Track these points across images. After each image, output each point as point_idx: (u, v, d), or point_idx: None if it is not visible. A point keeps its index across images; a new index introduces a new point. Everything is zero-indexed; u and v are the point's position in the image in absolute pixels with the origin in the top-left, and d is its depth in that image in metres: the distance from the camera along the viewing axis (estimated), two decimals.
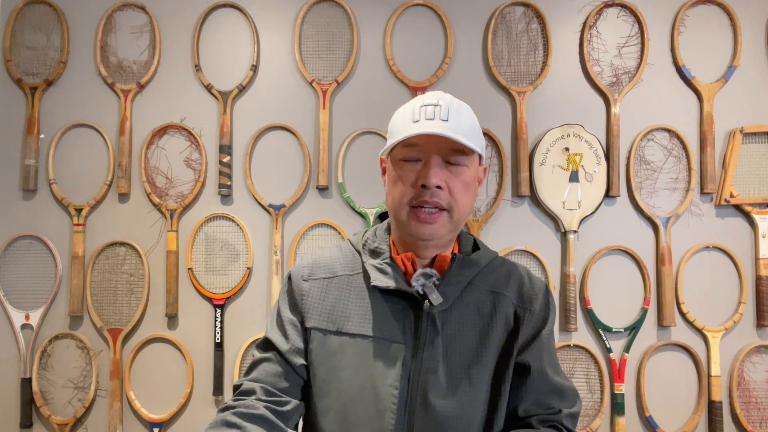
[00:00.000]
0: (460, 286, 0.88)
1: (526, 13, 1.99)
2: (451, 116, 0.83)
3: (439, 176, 0.83)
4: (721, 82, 1.95)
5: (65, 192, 1.95)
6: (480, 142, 0.88)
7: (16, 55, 1.98)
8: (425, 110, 0.84)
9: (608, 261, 1.94)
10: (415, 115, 0.84)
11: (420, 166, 0.85)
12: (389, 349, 0.84)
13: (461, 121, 0.84)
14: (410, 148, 0.85)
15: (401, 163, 0.86)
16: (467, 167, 0.86)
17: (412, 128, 0.83)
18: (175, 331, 1.94)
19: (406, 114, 0.86)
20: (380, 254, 0.91)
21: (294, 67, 1.98)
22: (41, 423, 1.91)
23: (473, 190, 0.89)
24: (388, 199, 0.90)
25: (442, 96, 0.87)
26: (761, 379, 1.91)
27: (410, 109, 0.87)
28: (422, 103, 0.86)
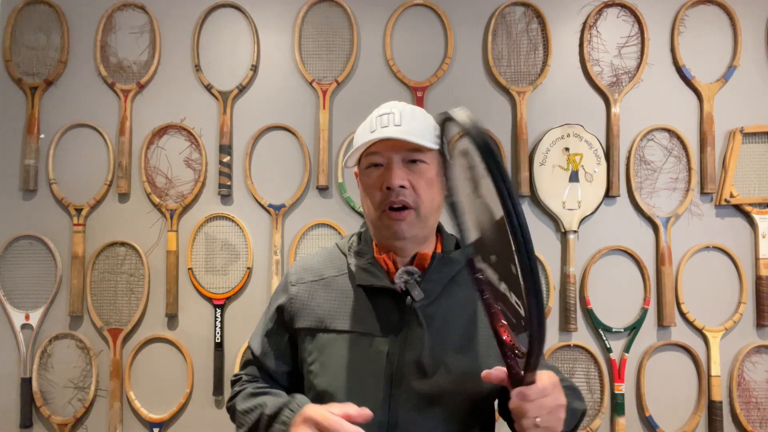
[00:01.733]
0: (442, 282, 0.94)
1: (526, 13, 1.99)
2: (404, 120, 0.90)
3: (400, 176, 0.89)
4: (721, 82, 1.95)
5: (65, 192, 1.95)
6: (436, 140, 0.93)
7: (16, 55, 1.98)
8: (380, 119, 0.92)
9: (608, 261, 1.94)
10: (372, 125, 0.92)
11: (384, 170, 0.91)
12: (374, 343, 0.90)
13: (414, 123, 0.91)
14: (372, 155, 0.92)
15: (367, 171, 0.94)
16: (428, 164, 0.92)
17: (368, 137, 0.90)
18: (175, 331, 1.94)
19: (365, 126, 0.94)
20: (364, 255, 0.97)
21: (294, 67, 1.98)
22: (41, 423, 1.91)
23: (438, 185, 0.94)
24: (363, 207, 0.97)
25: (395, 104, 0.94)
26: (761, 379, 1.91)
27: (368, 121, 0.94)
28: (378, 113, 0.94)
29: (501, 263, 0.66)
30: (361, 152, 0.93)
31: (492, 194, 0.59)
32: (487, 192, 0.64)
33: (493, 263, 0.69)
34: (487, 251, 0.71)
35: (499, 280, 0.69)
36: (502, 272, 0.67)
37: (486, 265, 0.73)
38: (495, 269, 0.70)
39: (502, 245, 0.64)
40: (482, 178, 0.64)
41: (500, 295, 0.70)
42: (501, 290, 0.69)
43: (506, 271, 0.65)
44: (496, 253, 0.67)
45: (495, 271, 0.70)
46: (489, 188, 0.59)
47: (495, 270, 0.70)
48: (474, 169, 0.66)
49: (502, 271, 0.67)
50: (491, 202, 0.63)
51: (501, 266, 0.67)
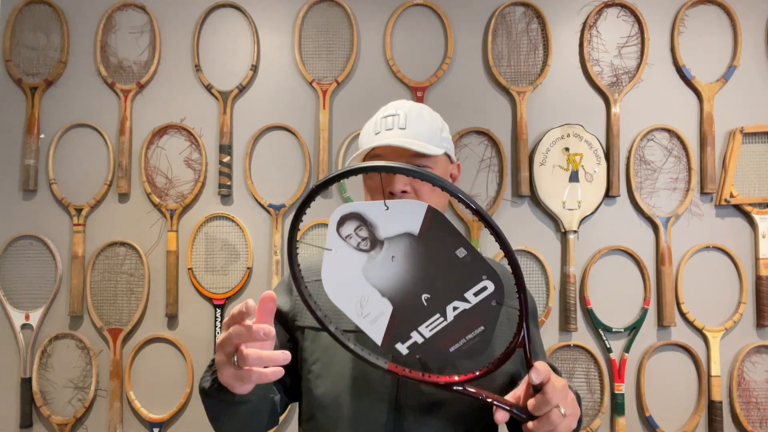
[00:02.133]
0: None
1: (526, 13, 1.99)
2: (409, 123, 0.89)
3: (402, 182, 0.87)
4: (721, 82, 1.95)
5: (65, 192, 1.95)
6: (442, 142, 0.93)
7: (16, 55, 1.98)
8: (385, 121, 0.90)
9: (608, 261, 1.94)
10: (377, 126, 0.91)
11: (386, 174, 0.89)
12: None
13: (420, 126, 0.89)
14: (375, 159, 0.91)
15: (371, 174, 0.92)
16: (432, 169, 0.91)
17: (372, 141, 0.89)
18: (175, 331, 1.94)
19: (369, 127, 0.93)
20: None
21: (294, 67, 1.98)
22: (41, 423, 1.91)
23: None
24: (365, 194, 0.96)
25: (401, 105, 0.92)
26: (761, 379, 1.91)
27: (373, 121, 0.93)
28: (383, 114, 0.92)
29: (441, 293, 0.62)
30: (365, 155, 0.93)
31: (402, 239, 0.59)
32: (392, 242, 0.61)
33: (428, 305, 0.64)
34: (416, 306, 0.64)
35: (441, 319, 0.64)
36: (440, 303, 0.63)
37: (429, 326, 0.65)
38: (432, 316, 0.64)
39: (433, 268, 0.61)
40: (380, 231, 0.61)
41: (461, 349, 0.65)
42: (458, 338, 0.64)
43: (446, 296, 0.62)
44: (428, 290, 0.63)
45: (435, 315, 0.64)
46: (393, 235, 0.59)
47: (435, 313, 0.64)
48: (366, 226, 0.61)
49: (440, 302, 0.63)
50: (404, 246, 0.61)
51: (441, 296, 0.62)
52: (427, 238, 0.60)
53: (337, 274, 0.65)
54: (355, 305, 0.65)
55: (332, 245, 0.64)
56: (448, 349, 0.66)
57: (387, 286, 0.64)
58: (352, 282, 0.64)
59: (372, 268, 0.64)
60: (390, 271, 0.63)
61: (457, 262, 0.60)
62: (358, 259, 0.64)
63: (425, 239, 0.60)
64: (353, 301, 0.65)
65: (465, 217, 1.93)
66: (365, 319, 0.66)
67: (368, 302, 0.65)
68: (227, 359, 0.66)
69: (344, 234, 0.63)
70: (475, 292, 0.62)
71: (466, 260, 0.60)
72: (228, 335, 0.65)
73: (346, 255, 0.63)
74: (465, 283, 0.62)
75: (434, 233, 0.60)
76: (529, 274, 1.93)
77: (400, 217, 0.60)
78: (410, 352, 0.67)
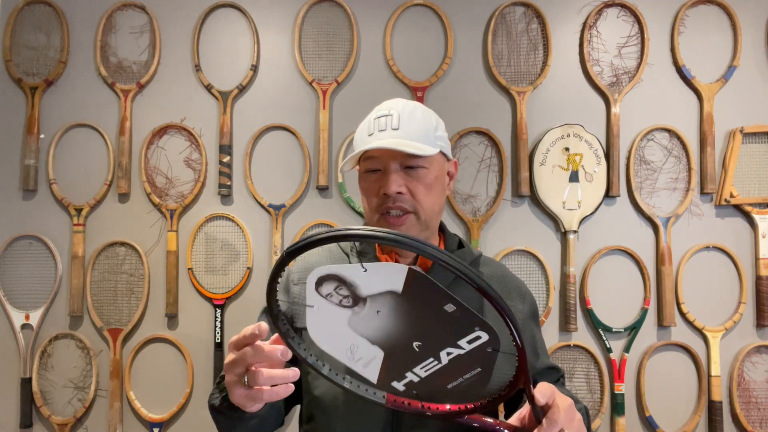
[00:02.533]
0: (444, 282, 0.91)
1: (526, 13, 1.99)
2: (402, 123, 0.88)
3: (397, 183, 0.87)
4: (721, 82, 1.95)
5: (65, 192, 1.95)
6: (437, 141, 0.91)
7: (16, 55, 1.98)
8: (378, 122, 0.89)
9: (608, 261, 1.94)
10: (370, 127, 0.90)
11: (381, 175, 0.90)
12: None
13: (413, 126, 0.88)
14: (370, 160, 0.90)
15: (365, 175, 0.92)
16: (427, 169, 0.89)
17: (366, 142, 0.88)
18: (175, 331, 1.94)
19: (363, 127, 0.92)
20: (366, 255, 0.96)
21: (294, 67, 1.98)
22: (41, 423, 1.91)
23: (438, 188, 0.92)
24: (363, 208, 0.96)
25: (394, 105, 0.91)
26: (761, 379, 1.91)
27: (367, 122, 0.92)
28: (376, 114, 0.91)
29: (432, 341, 0.61)
30: (358, 156, 0.92)
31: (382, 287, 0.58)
32: (375, 299, 0.59)
33: (421, 351, 0.62)
34: (408, 352, 0.62)
35: (436, 365, 0.63)
36: (432, 349, 0.61)
37: (419, 371, 0.64)
38: (426, 361, 0.63)
39: (421, 321, 0.59)
40: (358, 288, 0.59)
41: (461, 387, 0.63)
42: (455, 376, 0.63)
43: (438, 344, 0.61)
44: (419, 339, 0.61)
45: (431, 361, 0.62)
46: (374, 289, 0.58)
47: (430, 360, 0.62)
48: (345, 286, 0.59)
49: (432, 349, 0.61)
50: (388, 303, 0.59)
51: (433, 344, 0.61)
52: (411, 296, 0.58)
53: (322, 326, 0.63)
54: (346, 352, 0.64)
55: (313, 302, 0.61)
56: (445, 387, 0.64)
57: (376, 336, 0.62)
58: (339, 333, 0.63)
59: (358, 321, 0.62)
60: (377, 324, 0.61)
61: (446, 316, 0.58)
62: (342, 314, 0.61)
63: (409, 297, 0.58)
64: (343, 348, 0.64)
65: (465, 217, 1.93)
66: (358, 363, 0.64)
67: (358, 349, 0.64)
68: (238, 379, 0.66)
69: (324, 293, 0.61)
70: (468, 341, 0.60)
71: (455, 314, 0.58)
72: (239, 356, 0.65)
73: (329, 311, 0.61)
74: (456, 334, 0.60)
75: (418, 291, 0.58)
76: (529, 274, 1.93)
77: (379, 279, 0.58)
78: (406, 389, 0.65)
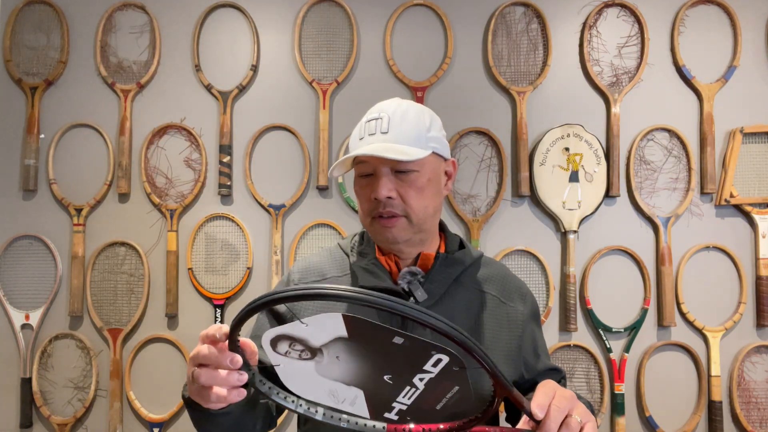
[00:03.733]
0: (446, 283, 0.92)
1: (526, 13, 1.99)
2: (392, 127, 0.87)
3: (386, 188, 0.86)
4: (721, 82, 1.95)
5: (65, 192, 1.95)
6: (429, 142, 0.90)
7: (16, 55, 1.98)
8: (368, 126, 0.89)
9: (608, 261, 1.94)
10: (361, 131, 0.90)
11: (372, 179, 0.89)
12: None
13: (404, 129, 0.87)
14: (361, 164, 0.90)
15: (358, 179, 0.92)
16: (418, 172, 0.88)
17: (356, 146, 0.88)
18: (175, 331, 1.94)
19: (356, 131, 0.92)
20: (366, 256, 0.96)
21: (294, 67, 1.98)
22: (41, 423, 1.91)
23: (432, 190, 0.91)
24: (359, 205, 0.96)
25: (386, 107, 0.90)
26: (761, 379, 1.91)
27: (360, 125, 0.91)
28: (367, 118, 0.90)
29: (399, 372, 0.61)
30: (351, 160, 0.91)
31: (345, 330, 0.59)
32: (329, 346, 0.60)
33: (394, 383, 0.63)
34: (383, 385, 0.63)
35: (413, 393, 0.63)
36: (404, 379, 0.62)
37: (403, 400, 0.65)
38: (405, 391, 0.63)
39: (380, 357, 0.60)
40: (323, 339, 0.60)
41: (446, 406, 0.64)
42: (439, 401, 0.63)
43: (406, 374, 0.61)
44: (387, 372, 0.62)
45: (406, 391, 0.63)
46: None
47: (405, 389, 0.63)
48: (297, 342, 0.61)
49: (403, 379, 0.62)
50: (342, 348, 0.60)
51: (402, 374, 0.62)
52: (358, 338, 0.59)
53: (296, 379, 0.64)
54: (329, 397, 0.65)
55: (276, 361, 0.63)
56: (434, 408, 0.64)
57: (348, 378, 0.63)
58: (313, 382, 0.64)
59: (323, 368, 0.63)
60: (343, 368, 0.62)
61: (399, 348, 0.59)
62: (307, 366, 0.63)
63: (356, 339, 0.59)
64: (325, 394, 0.65)
65: (465, 217, 1.93)
66: (344, 403, 0.65)
67: (339, 392, 0.64)
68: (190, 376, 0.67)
69: (282, 352, 0.62)
70: (432, 365, 0.60)
71: (406, 345, 0.58)
72: (196, 352, 0.66)
73: (294, 366, 0.63)
74: (417, 360, 0.60)
75: (362, 332, 0.58)
76: (529, 274, 1.93)
77: (323, 330, 0.59)
78: (400, 417, 0.66)
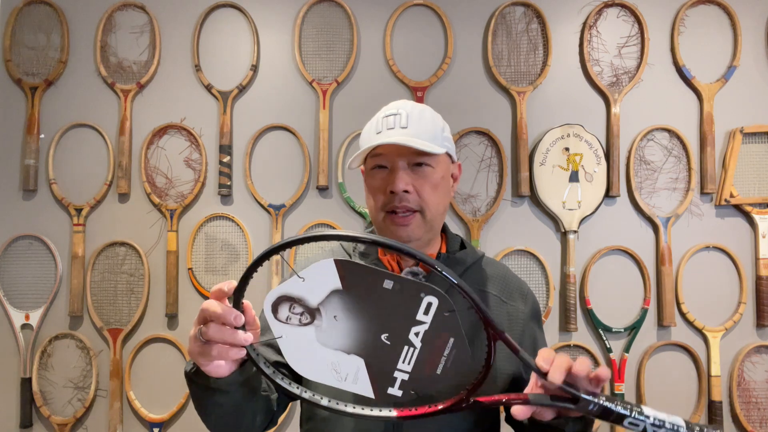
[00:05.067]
0: (446, 283, 0.91)
1: (526, 13, 1.99)
2: (411, 123, 0.88)
3: (404, 181, 0.88)
4: (721, 82, 1.95)
5: (65, 192, 1.95)
6: (444, 141, 0.92)
7: (16, 55, 1.98)
8: (386, 120, 0.90)
9: (608, 261, 1.94)
10: (378, 126, 0.91)
11: (388, 173, 0.90)
12: None
13: (422, 126, 0.89)
14: (377, 157, 0.91)
15: (372, 172, 0.93)
16: (434, 168, 0.90)
17: (374, 139, 0.89)
18: (175, 331, 1.94)
19: (371, 126, 0.93)
20: (368, 255, 0.96)
21: (294, 67, 1.98)
22: (41, 423, 1.91)
23: (444, 188, 0.93)
24: (367, 207, 0.96)
25: (403, 105, 0.92)
26: (761, 379, 1.91)
27: (375, 120, 0.93)
28: (384, 113, 0.92)
29: (395, 327, 0.63)
30: (366, 153, 0.92)
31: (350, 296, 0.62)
32: (325, 305, 0.63)
33: (392, 342, 0.65)
34: (383, 349, 0.65)
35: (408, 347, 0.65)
36: (400, 336, 0.64)
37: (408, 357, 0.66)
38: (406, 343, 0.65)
39: (375, 310, 0.62)
40: (323, 299, 0.63)
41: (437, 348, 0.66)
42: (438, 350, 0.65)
43: (401, 327, 0.63)
44: (384, 330, 0.64)
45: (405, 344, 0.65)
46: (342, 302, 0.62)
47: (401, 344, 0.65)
48: (296, 302, 0.63)
49: (400, 335, 0.64)
50: (338, 304, 0.62)
51: (397, 329, 0.63)
52: (351, 288, 0.61)
53: (299, 355, 0.65)
54: (331, 373, 0.66)
55: (279, 332, 0.64)
56: (435, 373, 0.65)
57: (347, 345, 0.65)
58: (315, 355, 0.65)
59: (323, 335, 0.64)
60: (340, 331, 0.64)
61: (390, 295, 0.61)
62: (308, 334, 0.64)
63: (351, 289, 0.61)
64: (327, 370, 0.66)
65: (465, 217, 1.93)
66: (347, 382, 0.66)
67: (340, 365, 0.66)
68: (195, 333, 0.68)
69: (283, 318, 0.64)
70: (424, 312, 0.62)
71: (396, 288, 0.61)
72: (205, 306, 0.67)
73: (295, 335, 0.64)
74: (409, 308, 0.62)
75: (354, 279, 0.61)
76: (529, 274, 1.93)
77: (318, 281, 0.61)
78: (404, 392, 0.66)
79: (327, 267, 0.60)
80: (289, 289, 0.62)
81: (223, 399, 0.76)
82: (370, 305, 0.62)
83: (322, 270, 0.61)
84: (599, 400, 0.64)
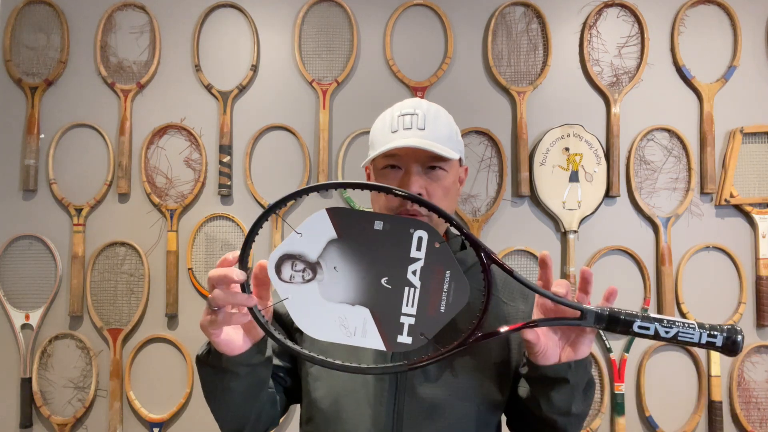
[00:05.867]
0: None
1: (526, 13, 1.99)
2: (428, 124, 0.87)
3: (418, 184, 0.86)
4: (721, 82, 1.95)
5: (65, 192, 1.95)
6: (458, 145, 0.92)
7: (16, 55, 1.98)
8: (403, 120, 0.87)
9: (608, 261, 1.94)
10: (394, 124, 0.88)
11: (400, 173, 0.88)
12: None
13: (439, 128, 0.87)
14: (390, 157, 0.88)
15: (383, 172, 0.90)
16: (447, 172, 0.89)
17: (391, 139, 0.86)
18: (175, 331, 1.94)
19: (385, 123, 0.90)
20: None
21: (294, 67, 1.98)
22: (41, 423, 1.91)
23: (454, 192, 0.92)
24: (374, 206, 0.93)
25: (419, 104, 0.90)
26: (761, 379, 1.91)
27: (389, 118, 0.90)
28: (400, 112, 0.89)
29: (392, 268, 0.66)
30: (379, 153, 0.89)
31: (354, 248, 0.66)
32: (325, 257, 0.66)
33: (393, 285, 0.67)
34: (385, 294, 0.67)
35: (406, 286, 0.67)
36: (399, 277, 0.66)
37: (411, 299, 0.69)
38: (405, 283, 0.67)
39: (370, 254, 0.65)
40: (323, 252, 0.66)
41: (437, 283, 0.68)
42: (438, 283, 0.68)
43: (398, 267, 0.66)
44: (383, 274, 0.66)
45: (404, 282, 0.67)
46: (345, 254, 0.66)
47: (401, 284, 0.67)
48: (297, 259, 0.67)
49: (398, 276, 0.66)
50: (336, 253, 0.66)
51: (395, 270, 0.66)
52: (346, 235, 0.64)
53: (306, 314, 0.67)
54: (340, 329, 0.67)
55: (285, 293, 0.67)
56: (439, 311, 0.67)
57: (350, 295, 0.66)
58: (322, 312, 0.67)
59: (327, 289, 0.66)
60: (342, 281, 0.66)
61: (382, 235, 0.64)
62: (313, 290, 0.67)
63: (346, 236, 0.65)
64: (336, 327, 0.67)
65: (465, 217, 1.93)
66: (356, 336, 0.67)
67: (347, 319, 0.67)
68: (207, 306, 0.71)
69: (287, 277, 0.67)
70: (416, 248, 0.65)
71: (387, 228, 0.64)
72: (210, 273, 0.71)
73: (301, 293, 0.67)
74: (402, 246, 0.65)
75: (348, 226, 0.64)
76: (529, 275, 1.93)
77: (315, 233, 0.65)
78: (413, 338, 0.67)
79: (321, 217, 0.64)
80: (288, 246, 0.67)
81: (233, 383, 0.78)
82: (366, 250, 0.65)
83: (316, 222, 0.65)
84: (603, 310, 0.68)
